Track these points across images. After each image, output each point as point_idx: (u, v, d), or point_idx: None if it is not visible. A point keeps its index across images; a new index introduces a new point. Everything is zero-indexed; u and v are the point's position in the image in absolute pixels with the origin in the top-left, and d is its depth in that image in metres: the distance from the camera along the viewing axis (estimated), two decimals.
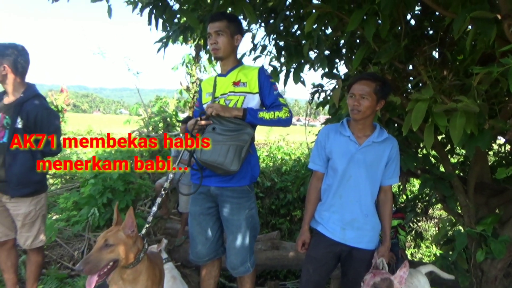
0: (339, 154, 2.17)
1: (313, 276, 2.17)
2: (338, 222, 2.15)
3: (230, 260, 2.39)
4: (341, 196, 2.16)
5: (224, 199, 2.35)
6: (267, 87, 2.35)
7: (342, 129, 2.20)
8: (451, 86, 2.42)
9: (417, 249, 6.94)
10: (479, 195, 3.25)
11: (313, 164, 2.29)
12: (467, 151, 2.46)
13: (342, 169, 2.15)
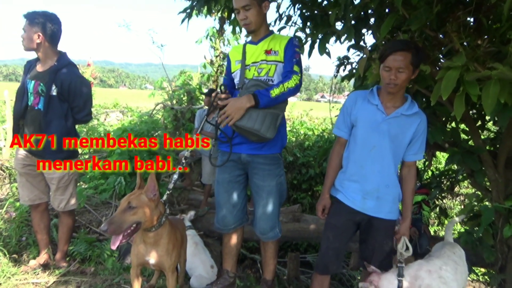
0: (364, 122, 2.12)
1: (333, 243, 2.18)
2: (358, 192, 2.13)
3: (260, 225, 2.42)
4: (363, 165, 2.13)
5: (256, 166, 2.38)
6: (289, 54, 2.35)
7: (371, 97, 2.14)
8: (485, 53, 2.30)
9: (440, 227, 6.84)
10: (509, 170, 3.14)
11: (337, 129, 2.26)
12: (499, 122, 2.37)
13: (365, 138, 2.11)
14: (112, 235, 1.94)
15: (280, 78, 2.36)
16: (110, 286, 2.77)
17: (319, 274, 2.26)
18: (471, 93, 2.12)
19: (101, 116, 12.40)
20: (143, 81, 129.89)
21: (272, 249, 2.53)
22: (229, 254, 2.62)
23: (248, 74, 2.38)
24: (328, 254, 2.20)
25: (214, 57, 8.93)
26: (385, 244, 2.19)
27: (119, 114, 13.75)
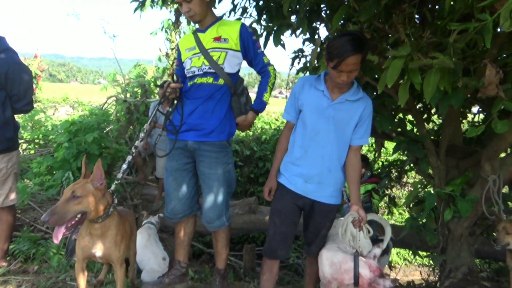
0: (310, 108, 2.15)
1: (279, 228, 2.19)
2: (301, 175, 2.16)
3: (206, 214, 2.39)
4: (307, 150, 2.15)
5: (202, 153, 2.35)
6: (251, 47, 2.38)
7: (318, 82, 2.16)
8: (428, 44, 2.41)
9: (390, 215, 7.16)
10: (450, 157, 3.33)
11: (286, 114, 2.28)
12: (440, 109, 2.50)
13: (310, 123, 2.14)
14: (54, 227, 1.83)
15: (230, 66, 2.36)
16: (55, 284, 2.63)
17: (268, 259, 2.27)
18: (414, 81, 2.22)
19: (49, 110, 11.74)
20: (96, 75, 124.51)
21: (223, 238, 2.51)
22: (181, 244, 2.57)
23: (197, 62, 2.35)
24: (275, 239, 2.21)
25: (170, 49, 8.73)
26: (326, 229, 2.25)
27: (69, 108, 13.08)
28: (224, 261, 2.55)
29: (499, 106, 2.38)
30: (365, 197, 4.56)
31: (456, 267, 3.22)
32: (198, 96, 2.35)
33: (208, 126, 2.32)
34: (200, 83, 2.35)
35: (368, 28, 2.86)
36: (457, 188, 3.05)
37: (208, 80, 2.34)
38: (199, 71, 2.35)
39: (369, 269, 2.07)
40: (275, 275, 2.28)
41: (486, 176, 2.88)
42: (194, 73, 2.37)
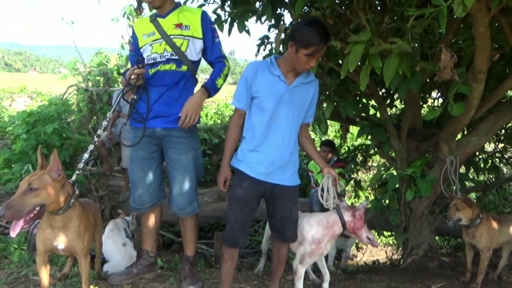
0: (268, 94, 2.11)
1: (239, 216, 2.15)
2: (263, 162, 2.14)
3: (177, 201, 2.35)
4: (268, 136, 2.14)
5: (171, 139, 2.31)
6: (210, 35, 2.33)
7: (272, 68, 2.12)
8: (387, 29, 2.47)
9: (357, 199, 7.37)
10: (411, 140, 3.46)
11: (237, 102, 2.19)
12: (400, 93, 2.57)
13: (270, 109, 2.11)
14: (11, 221, 1.76)
15: (192, 54, 2.32)
16: (16, 280, 2.53)
17: (229, 247, 2.23)
18: (374, 65, 2.27)
19: (6, 101, 11.15)
20: (56, 64, 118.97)
21: (191, 226, 2.49)
22: (148, 234, 2.53)
23: (159, 48, 2.29)
24: (236, 227, 2.17)
25: None
26: (294, 212, 2.24)
27: (27, 99, 12.46)
28: (193, 249, 2.53)
29: (454, 89, 2.49)
30: None
31: (418, 244, 3.38)
32: (163, 84, 2.30)
33: (175, 113, 2.27)
34: (163, 70, 2.29)
35: (330, 14, 2.89)
36: (417, 170, 3.18)
37: (171, 67, 2.29)
38: (162, 58, 2.29)
39: (351, 214, 2.32)
40: (235, 261, 2.28)
41: (444, 157, 3.01)
42: (156, 60, 2.30)
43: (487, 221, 2.63)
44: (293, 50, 2.02)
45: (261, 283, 2.70)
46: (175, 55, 2.28)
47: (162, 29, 2.28)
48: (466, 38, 2.74)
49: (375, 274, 3.02)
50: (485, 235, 2.60)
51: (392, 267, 3.55)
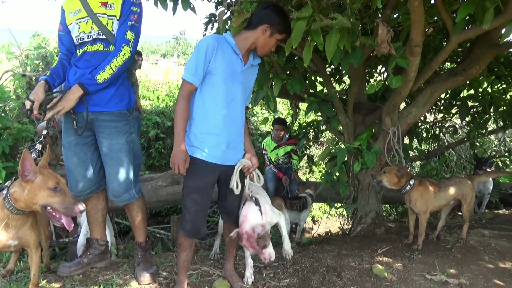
0: (226, 72, 2.02)
1: (202, 205, 2.11)
2: (220, 144, 2.07)
3: (112, 187, 2.25)
4: (224, 117, 2.06)
5: (101, 123, 2.19)
6: (124, 14, 2.17)
7: (234, 46, 2.04)
8: (328, 5, 2.50)
9: (311, 174, 7.60)
10: (357, 114, 3.58)
11: (191, 76, 1.99)
12: (342, 68, 2.64)
13: (226, 88, 2.03)
14: None
15: None
16: None
17: (191, 238, 2.17)
18: (317, 41, 2.30)
19: None
20: None
21: (138, 212, 2.41)
22: (95, 222, 2.45)
23: (86, 27, 2.15)
24: (198, 217, 2.12)
25: None
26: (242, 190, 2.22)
27: None
28: (143, 234, 2.48)
29: (393, 63, 2.59)
30: (285, 158, 4.76)
31: (366, 213, 3.55)
32: (90, 65, 2.16)
33: (103, 96, 2.16)
34: (91, 51, 2.16)
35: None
36: (363, 142, 3.31)
37: (99, 47, 2.16)
38: (89, 38, 2.16)
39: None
40: (193, 247, 2.26)
41: (387, 129, 3.15)
42: (84, 39, 2.16)
43: (421, 186, 2.79)
44: (267, 33, 2.03)
45: (216, 262, 2.73)
46: (102, 35, 2.14)
47: (89, 6, 2.13)
48: (403, 13, 2.84)
49: (327, 244, 3.15)
50: (420, 200, 2.77)
51: (343, 236, 3.71)
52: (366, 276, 2.41)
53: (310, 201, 4.12)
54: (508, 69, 4.14)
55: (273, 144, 4.71)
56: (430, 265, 2.48)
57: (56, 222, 1.85)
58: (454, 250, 2.70)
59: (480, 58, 3.01)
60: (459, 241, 2.84)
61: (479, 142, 6.33)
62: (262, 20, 2.03)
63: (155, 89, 10.34)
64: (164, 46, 54.57)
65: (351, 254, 2.75)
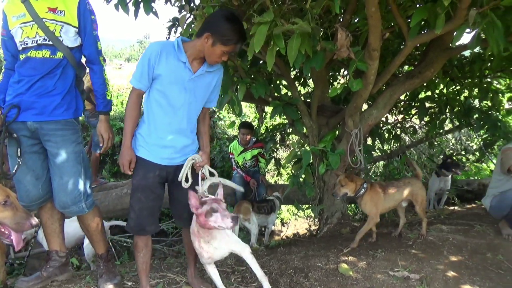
0: (171, 80, 2.02)
1: (146, 203, 2.11)
2: (166, 148, 2.10)
3: (59, 198, 2.15)
4: (170, 123, 2.08)
5: (46, 132, 2.09)
6: (88, 26, 2.16)
7: (179, 53, 2.02)
8: (289, 10, 2.54)
9: (279, 176, 7.67)
10: (321, 116, 3.66)
11: (137, 82, 2.05)
12: (304, 72, 2.68)
13: (172, 96, 2.04)
14: None
15: (69, 39, 2.12)
16: None
17: (137, 235, 2.18)
18: (279, 46, 2.33)
19: None
20: None
21: (93, 224, 2.30)
22: (53, 233, 2.35)
23: (30, 32, 2.06)
24: (142, 215, 2.11)
25: None
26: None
27: None
28: (102, 246, 2.39)
29: (353, 67, 2.67)
30: (252, 161, 4.78)
31: (332, 213, 3.62)
32: (35, 73, 2.07)
33: (47, 104, 2.08)
34: (35, 57, 2.07)
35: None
36: (328, 144, 3.37)
37: (45, 54, 2.07)
38: (33, 43, 2.06)
39: None
40: (150, 248, 2.23)
41: (349, 130, 3.23)
42: (27, 45, 2.07)
43: (371, 190, 2.86)
44: (209, 42, 1.97)
45: (184, 269, 2.69)
46: (48, 40, 2.06)
47: (34, 10, 2.04)
48: (362, 18, 2.93)
49: (295, 246, 3.18)
50: (369, 203, 2.84)
51: (310, 237, 3.77)
52: (332, 275, 2.45)
53: (277, 203, 4.15)
54: (461, 72, 4.37)
55: (240, 148, 4.72)
56: (393, 262, 2.56)
57: (5, 240, 1.76)
58: (415, 246, 2.80)
59: (434, 61, 3.16)
60: (419, 237, 2.95)
61: (437, 141, 6.63)
62: (205, 28, 2.01)
63: (118, 94, 10.09)
64: (128, 50, 53.38)
65: (317, 254, 2.79)
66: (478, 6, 2.28)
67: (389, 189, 2.91)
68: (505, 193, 2.92)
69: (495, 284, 2.32)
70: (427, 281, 2.31)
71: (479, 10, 2.22)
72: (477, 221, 3.30)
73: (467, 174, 6.77)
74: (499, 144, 5.04)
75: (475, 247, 2.76)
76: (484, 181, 5.21)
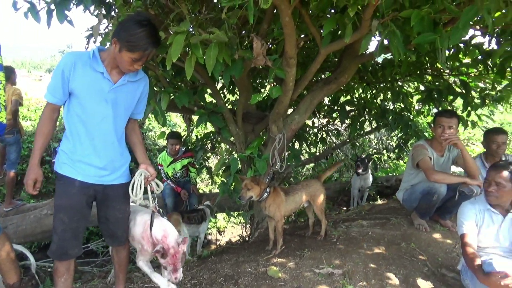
0: (89, 92, 1.91)
1: (69, 225, 1.97)
2: (92, 164, 1.99)
3: None
4: (94, 137, 1.97)
5: None
6: None
7: (95, 63, 1.92)
8: (207, 20, 2.56)
9: (214, 185, 7.63)
10: (246, 123, 3.71)
11: (51, 96, 1.92)
12: (224, 80, 2.71)
13: (94, 108, 1.94)
14: None
15: None
16: None
17: (58, 260, 2.01)
18: (197, 55, 2.33)
19: None
20: None
21: (2, 251, 2.13)
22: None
23: None
24: (66, 238, 1.98)
25: None
26: (127, 211, 2.19)
27: None
28: (13, 275, 2.20)
29: (272, 74, 2.76)
30: (182, 172, 4.70)
31: (262, 218, 3.68)
32: None
33: None
34: None
35: (153, 4, 2.85)
36: (254, 150, 3.43)
37: None
38: None
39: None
40: (72, 273, 2.08)
41: (274, 136, 3.33)
42: None
43: (274, 193, 2.95)
44: (116, 48, 1.86)
45: None
46: None
47: None
48: (278, 27, 3.04)
49: (226, 253, 3.18)
50: (272, 206, 2.92)
51: (242, 243, 3.80)
52: (261, 279, 2.49)
53: (208, 212, 4.13)
54: (375, 77, 4.73)
55: (169, 159, 4.62)
56: (318, 260, 2.67)
57: None
58: (338, 243, 2.95)
59: (348, 67, 3.38)
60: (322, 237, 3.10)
61: (359, 142, 7.08)
62: (114, 32, 1.91)
63: (37, 108, 9.37)
64: (49, 61, 49.85)
65: (248, 260, 2.82)
66: (380, 17, 2.50)
67: (290, 192, 3.03)
68: (414, 186, 3.19)
69: (409, 271, 2.53)
70: (349, 275, 2.44)
71: (381, 21, 2.42)
72: (393, 214, 3.58)
73: (386, 171, 7.31)
74: (411, 142, 5.53)
75: (391, 238, 2.99)
76: (400, 177, 5.65)
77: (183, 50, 2.33)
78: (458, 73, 4.52)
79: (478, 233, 2.26)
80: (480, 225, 2.27)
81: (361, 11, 2.52)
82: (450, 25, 2.66)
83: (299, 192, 3.05)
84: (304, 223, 4.00)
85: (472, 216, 2.28)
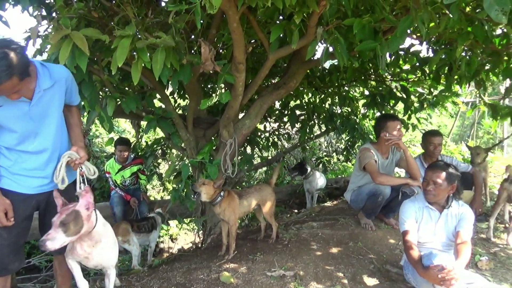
0: (10, 120, 1.79)
1: (8, 239, 1.86)
2: (35, 176, 1.91)
3: None
4: (30, 152, 1.88)
5: None
6: None
7: None
8: (154, 24, 2.52)
9: (166, 192, 7.46)
10: (197, 129, 3.68)
11: None
12: (172, 85, 2.68)
13: (23, 129, 1.83)
14: None
15: None
16: None
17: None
18: (143, 60, 2.28)
19: None
20: None
21: None
22: None
23: None
24: (4, 253, 1.86)
25: None
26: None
27: None
28: None
29: (221, 79, 2.76)
30: (132, 179, 4.54)
31: (215, 224, 3.66)
32: None
33: None
34: None
35: (96, 6, 2.75)
36: (206, 156, 3.41)
37: None
38: None
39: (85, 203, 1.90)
40: None
41: (225, 141, 3.33)
42: None
43: (229, 197, 2.98)
44: None
45: None
46: None
47: None
48: (227, 32, 3.06)
49: (178, 261, 3.12)
50: (228, 210, 2.93)
51: (195, 250, 3.74)
52: (214, 285, 2.47)
53: (159, 220, 4.03)
54: (323, 82, 4.89)
55: (117, 166, 4.45)
56: (271, 263, 2.70)
57: None
58: (290, 245, 3.01)
59: (296, 73, 3.47)
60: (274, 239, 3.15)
61: (309, 145, 7.26)
62: None
63: None
64: None
65: (200, 267, 2.78)
66: (325, 24, 2.59)
67: (244, 196, 3.07)
68: (361, 187, 3.33)
69: (356, 269, 2.63)
70: (300, 276, 2.50)
71: (325, 28, 2.52)
72: (341, 214, 3.71)
73: (336, 173, 7.56)
74: (358, 144, 5.77)
75: (340, 238, 3.09)
76: (348, 178, 5.88)
77: (129, 54, 2.26)
78: (399, 78, 4.80)
79: (418, 229, 2.41)
80: (420, 221, 2.42)
81: (306, 18, 2.60)
82: (390, 33, 2.82)
83: (252, 195, 3.08)
84: (257, 227, 4.02)
85: (412, 213, 2.42)
